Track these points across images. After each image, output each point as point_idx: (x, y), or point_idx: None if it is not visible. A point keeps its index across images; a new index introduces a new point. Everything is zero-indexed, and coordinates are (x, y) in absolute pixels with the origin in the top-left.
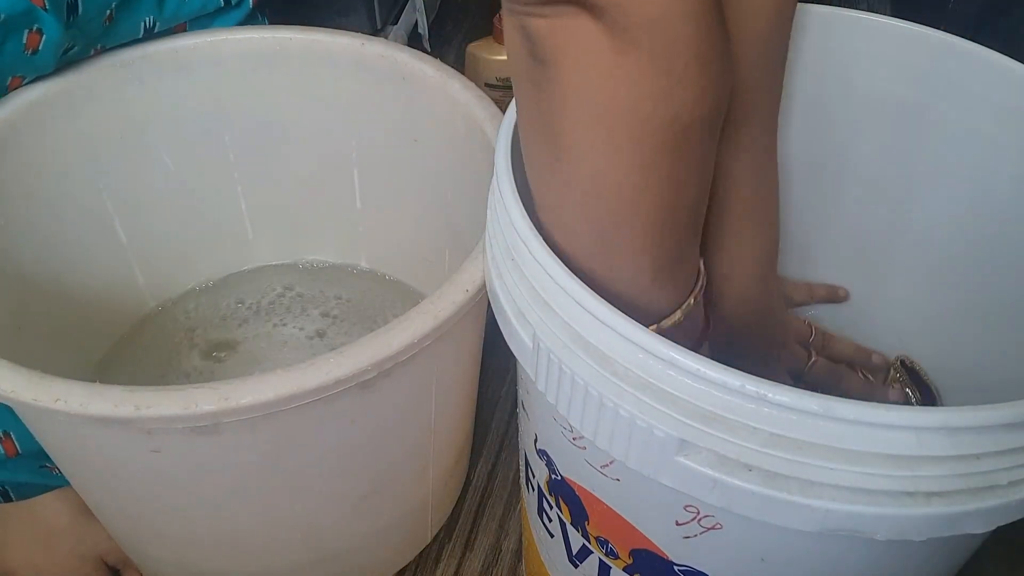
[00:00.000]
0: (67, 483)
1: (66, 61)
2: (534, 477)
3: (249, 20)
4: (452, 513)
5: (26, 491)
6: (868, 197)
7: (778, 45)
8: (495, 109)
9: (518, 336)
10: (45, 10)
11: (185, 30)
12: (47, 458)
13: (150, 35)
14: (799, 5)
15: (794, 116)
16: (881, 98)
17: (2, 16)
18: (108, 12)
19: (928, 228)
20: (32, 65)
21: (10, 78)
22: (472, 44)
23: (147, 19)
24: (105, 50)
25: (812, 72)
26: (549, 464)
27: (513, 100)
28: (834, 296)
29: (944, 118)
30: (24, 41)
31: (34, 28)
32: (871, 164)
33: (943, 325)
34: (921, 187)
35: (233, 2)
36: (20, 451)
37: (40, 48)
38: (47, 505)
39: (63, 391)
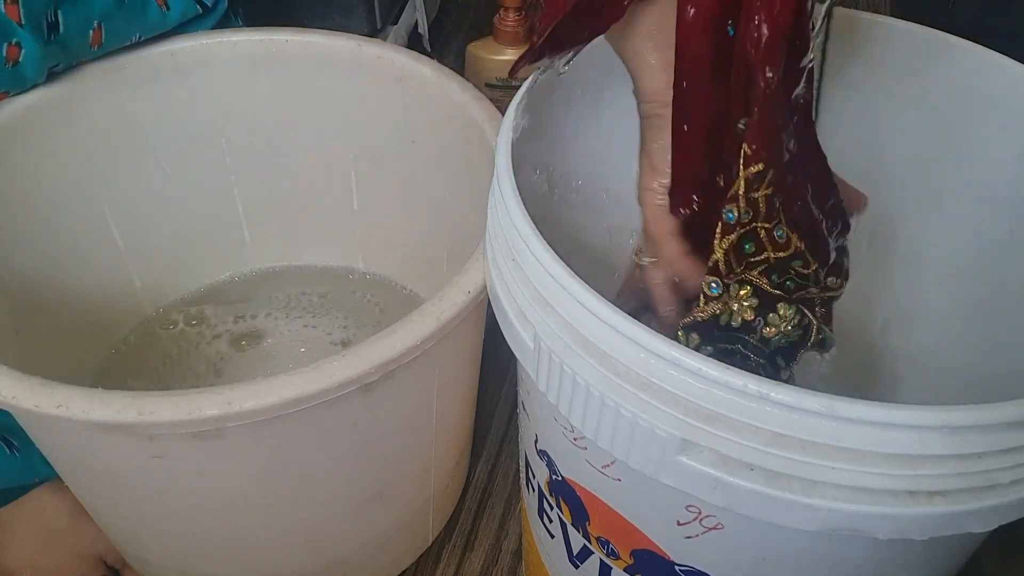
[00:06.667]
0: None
1: (53, 75)
2: (534, 478)
3: (224, 23)
4: (452, 513)
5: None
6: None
7: None
8: (493, 110)
9: (519, 336)
10: (21, 25)
11: None
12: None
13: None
14: None
15: None
16: (879, 98)
17: None
18: (92, 32)
19: (925, 227)
20: (16, 79)
21: None
22: (472, 44)
23: (135, 36)
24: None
25: None
26: (550, 465)
27: (513, 100)
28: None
29: (943, 118)
30: (4, 54)
31: (12, 41)
32: (864, 162)
33: (939, 321)
34: (918, 186)
35: (209, 5)
36: None
37: (21, 60)
38: (44, 502)
39: (65, 397)
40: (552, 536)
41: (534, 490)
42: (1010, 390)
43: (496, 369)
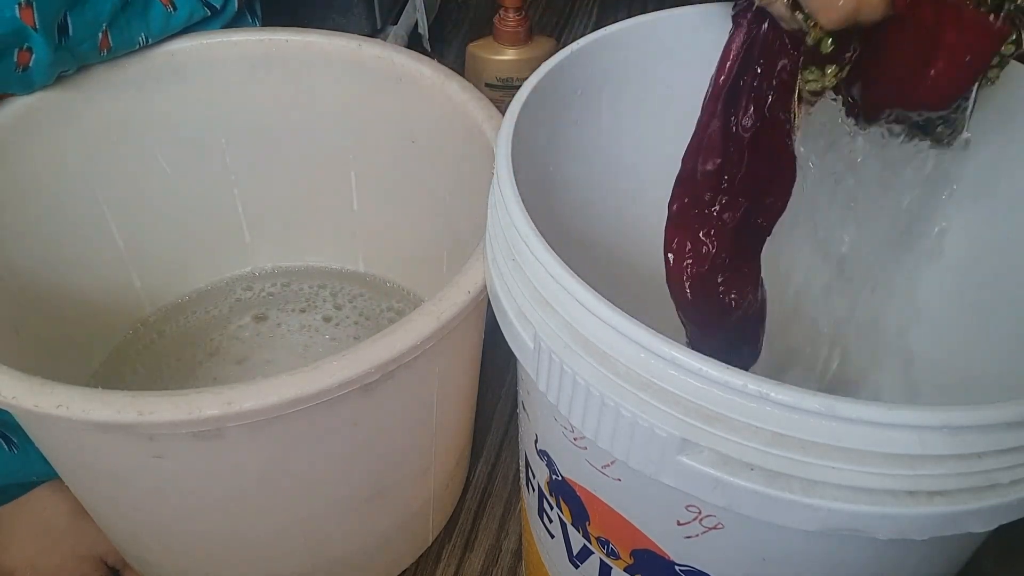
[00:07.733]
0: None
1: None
2: (534, 478)
3: (236, 22)
4: (452, 513)
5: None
6: (865, 192)
7: None
8: (493, 110)
9: (519, 336)
10: (35, 30)
11: None
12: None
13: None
14: None
15: None
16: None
17: None
18: (100, 35)
19: (925, 226)
20: (24, 83)
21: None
22: (472, 44)
23: (141, 38)
24: None
25: None
26: (550, 464)
27: (513, 100)
28: None
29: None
30: (15, 59)
31: (24, 47)
32: (862, 163)
33: (939, 319)
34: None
35: (218, 7)
36: None
37: (31, 65)
38: (44, 502)
39: (65, 397)
40: (552, 536)
41: (534, 490)
42: (1010, 390)
43: (496, 369)
